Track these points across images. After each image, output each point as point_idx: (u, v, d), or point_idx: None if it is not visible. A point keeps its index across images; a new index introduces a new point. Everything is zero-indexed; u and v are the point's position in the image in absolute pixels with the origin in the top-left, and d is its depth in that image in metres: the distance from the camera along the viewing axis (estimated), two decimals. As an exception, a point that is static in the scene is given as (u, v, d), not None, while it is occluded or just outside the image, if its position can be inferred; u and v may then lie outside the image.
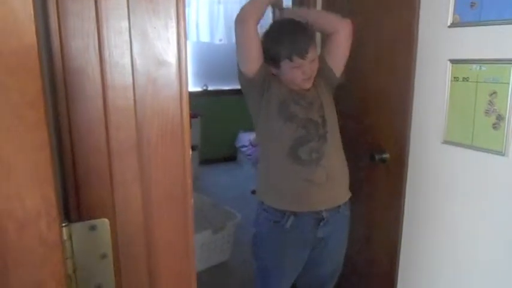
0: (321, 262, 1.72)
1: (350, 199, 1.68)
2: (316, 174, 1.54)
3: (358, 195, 1.99)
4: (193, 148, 4.44)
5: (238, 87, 1.67)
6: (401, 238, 1.76)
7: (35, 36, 0.40)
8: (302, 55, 1.48)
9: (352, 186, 1.96)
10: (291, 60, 1.49)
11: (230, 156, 5.31)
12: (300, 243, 1.62)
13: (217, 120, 5.12)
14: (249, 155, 4.78)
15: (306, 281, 1.80)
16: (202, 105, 4.80)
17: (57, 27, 0.46)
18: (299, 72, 1.51)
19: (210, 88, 5.31)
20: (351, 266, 2.12)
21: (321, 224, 1.58)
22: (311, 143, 1.54)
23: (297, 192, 1.56)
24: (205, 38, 5.21)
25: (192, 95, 0.57)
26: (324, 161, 1.55)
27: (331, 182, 1.58)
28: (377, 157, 1.79)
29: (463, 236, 1.53)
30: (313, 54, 1.52)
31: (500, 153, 1.36)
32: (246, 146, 4.94)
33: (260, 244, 1.69)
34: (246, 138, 4.95)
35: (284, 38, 1.51)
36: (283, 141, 1.56)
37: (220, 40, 5.31)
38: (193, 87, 5.14)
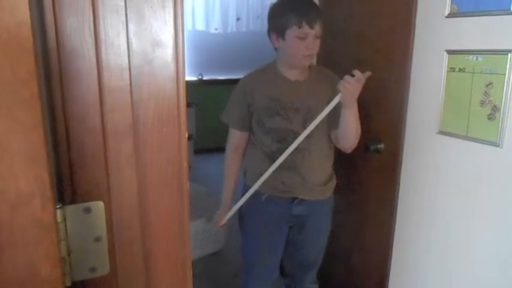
0: (302, 244, 1.77)
1: (343, 189, 1.70)
2: (291, 179, 1.63)
3: (352, 186, 2.00)
4: (188, 137, 4.42)
5: (234, 76, 1.71)
6: (394, 228, 1.77)
7: (28, 12, 0.39)
8: (311, 23, 1.49)
9: (346, 177, 1.97)
10: (299, 26, 1.49)
11: (225, 146, 5.29)
12: (276, 216, 1.70)
13: (212, 109, 5.07)
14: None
15: (290, 264, 1.87)
16: (197, 94, 4.77)
17: (51, 4, 0.45)
18: (303, 45, 1.51)
19: (205, 77, 5.28)
20: (344, 255, 2.14)
21: (295, 202, 1.66)
22: (288, 156, 1.57)
23: (272, 187, 1.64)
24: (200, 26, 5.17)
25: (186, 84, 0.56)
26: (300, 171, 1.61)
27: (308, 186, 1.65)
28: (372, 147, 1.79)
29: (456, 227, 1.54)
30: (319, 29, 1.53)
31: (495, 144, 1.36)
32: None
33: (243, 214, 1.79)
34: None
35: (296, 5, 1.53)
36: (263, 149, 1.65)
37: (216, 29, 5.27)
38: (188, 76, 5.11)
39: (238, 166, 1.76)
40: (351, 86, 1.43)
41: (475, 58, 1.41)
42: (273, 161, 1.59)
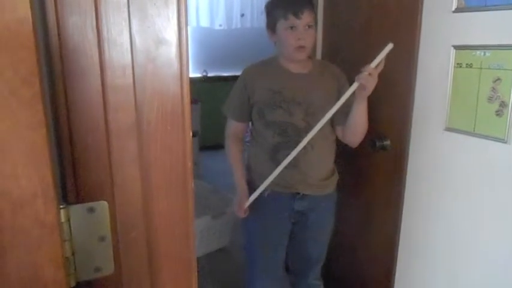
0: (305, 240, 1.77)
1: (349, 186, 1.69)
2: (292, 176, 1.62)
3: (358, 183, 1.99)
4: (193, 134, 4.42)
5: (238, 73, 1.71)
6: (400, 225, 1.76)
7: (29, 9, 0.38)
8: (297, 14, 1.51)
9: (352, 174, 1.96)
10: (286, 18, 1.52)
11: (229, 143, 5.29)
12: (278, 212, 1.70)
13: (217, 106, 5.05)
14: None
15: (294, 260, 1.87)
16: (202, 91, 4.76)
17: (53, 1, 0.44)
18: (292, 36, 1.53)
19: (209, 74, 5.27)
20: (349, 253, 2.13)
21: (297, 197, 1.66)
22: (289, 150, 1.55)
23: (274, 183, 1.63)
24: (205, 23, 5.16)
25: (191, 80, 0.56)
26: (301, 167, 1.61)
27: (309, 181, 1.64)
28: (378, 144, 1.77)
29: (463, 224, 1.52)
30: (309, 18, 1.54)
31: (503, 140, 1.35)
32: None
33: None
34: (245, 125, 4.94)
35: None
36: (264, 144, 1.64)
37: (220, 25, 5.26)
38: (192, 73, 5.10)
39: (240, 150, 1.78)
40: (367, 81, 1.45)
41: (482, 53, 1.39)
42: (275, 154, 1.59)
